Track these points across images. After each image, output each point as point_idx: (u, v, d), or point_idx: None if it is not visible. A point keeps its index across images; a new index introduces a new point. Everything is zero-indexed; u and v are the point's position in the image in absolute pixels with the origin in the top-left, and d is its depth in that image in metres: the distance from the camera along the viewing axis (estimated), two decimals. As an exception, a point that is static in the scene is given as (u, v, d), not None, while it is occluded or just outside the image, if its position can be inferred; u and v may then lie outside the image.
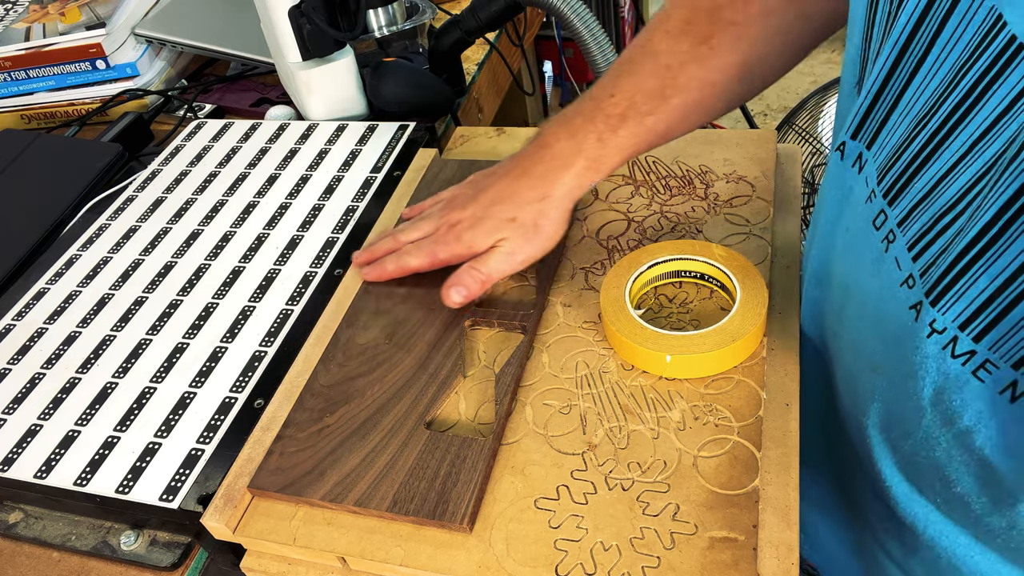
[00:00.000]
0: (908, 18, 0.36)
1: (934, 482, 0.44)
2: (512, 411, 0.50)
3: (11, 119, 0.97)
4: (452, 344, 0.54)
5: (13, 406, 0.57)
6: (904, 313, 0.40)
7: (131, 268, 0.68)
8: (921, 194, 0.38)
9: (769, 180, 0.63)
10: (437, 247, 0.57)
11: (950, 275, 0.36)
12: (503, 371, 0.52)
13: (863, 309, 0.45)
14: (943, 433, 0.41)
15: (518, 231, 0.55)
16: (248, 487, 0.48)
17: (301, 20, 0.75)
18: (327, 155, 0.76)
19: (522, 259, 0.55)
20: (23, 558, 0.52)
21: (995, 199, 0.32)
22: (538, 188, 0.55)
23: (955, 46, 0.34)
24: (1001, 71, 0.32)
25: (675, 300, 0.55)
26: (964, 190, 0.35)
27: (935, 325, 0.38)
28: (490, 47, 0.99)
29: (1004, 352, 0.35)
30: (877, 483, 0.50)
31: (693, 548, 0.42)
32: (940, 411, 0.40)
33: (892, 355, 0.42)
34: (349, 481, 0.47)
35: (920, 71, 0.37)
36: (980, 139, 0.34)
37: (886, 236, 0.41)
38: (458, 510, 0.44)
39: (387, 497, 0.45)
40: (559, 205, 0.55)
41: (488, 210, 0.56)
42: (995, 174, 0.33)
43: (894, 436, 0.46)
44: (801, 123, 1.44)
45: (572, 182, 0.54)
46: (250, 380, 0.56)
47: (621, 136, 0.53)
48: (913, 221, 0.39)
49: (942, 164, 0.36)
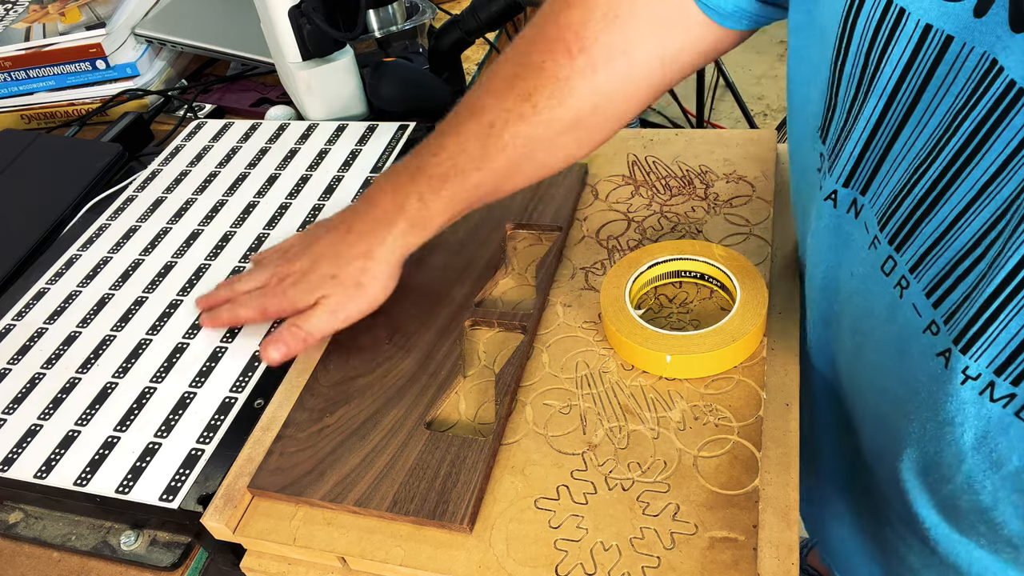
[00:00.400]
0: (893, 69, 0.36)
1: (978, 524, 0.44)
2: (512, 411, 0.50)
3: (11, 119, 0.97)
4: (452, 344, 0.54)
5: (13, 406, 0.57)
6: (931, 360, 0.39)
7: (131, 268, 0.68)
8: (932, 239, 0.37)
9: (769, 180, 0.63)
10: (266, 300, 0.56)
11: (979, 321, 0.35)
12: (503, 371, 0.52)
13: (882, 356, 0.45)
14: (989, 477, 0.40)
15: (339, 288, 0.54)
16: (248, 487, 0.48)
17: (301, 20, 0.75)
18: (327, 155, 0.76)
19: (343, 317, 0.54)
20: (23, 558, 0.52)
21: (1019, 241, 0.32)
22: (360, 246, 0.54)
23: (947, 93, 0.34)
24: (1003, 116, 0.32)
25: (675, 300, 0.55)
26: (980, 234, 0.35)
27: (968, 372, 0.37)
28: (490, 47, 0.98)
29: None
30: (914, 524, 0.49)
31: (693, 548, 0.42)
32: (984, 455, 0.39)
33: (923, 402, 0.42)
34: (349, 481, 0.47)
35: (912, 118, 0.37)
36: (991, 182, 0.33)
37: (898, 282, 0.40)
38: (458, 510, 0.44)
39: (387, 497, 0.45)
40: (383, 262, 0.54)
41: (314, 265, 0.56)
42: (1013, 216, 0.32)
43: (932, 480, 0.45)
44: (801, 123, 1.44)
45: (395, 242, 0.54)
46: (250, 380, 0.56)
47: (443, 197, 0.53)
48: (927, 267, 0.38)
49: (951, 208, 0.36)
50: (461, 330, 0.55)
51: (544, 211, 0.63)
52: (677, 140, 0.69)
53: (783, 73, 2.47)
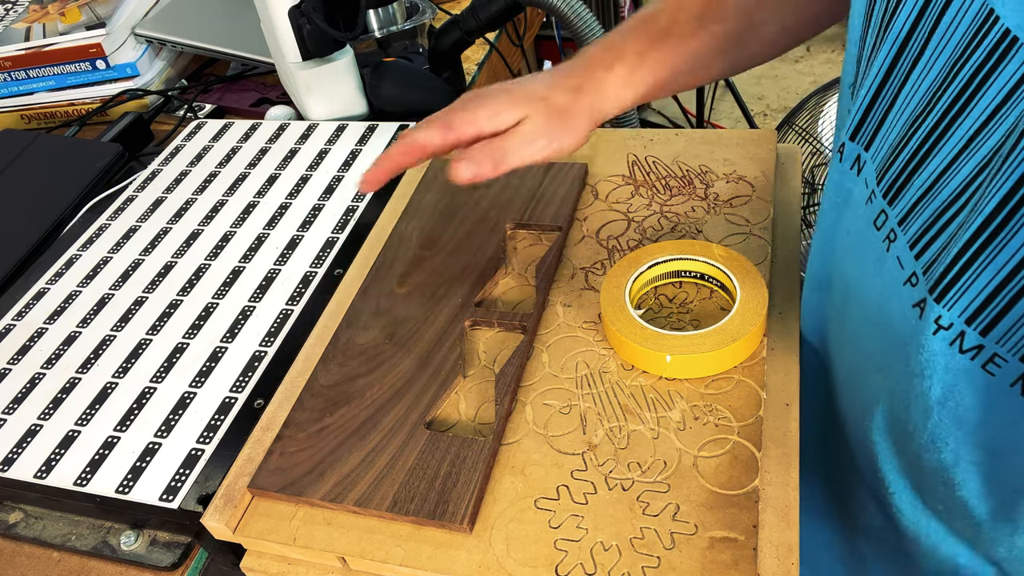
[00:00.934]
0: (905, 18, 0.36)
1: (937, 486, 0.44)
2: (512, 411, 0.50)
3: (11, 119, 0.97)
4: (452, 344, 0.54)
5: (13, 406, 0.57)
6: (908, 311, 0.40)
7: (131, 268, 0.68)
8: (921, 191, 0.38)
9: (769, 180, 0.63)
10: (452, 115, 0.50)
11: (954, 270, 0.36)
12: (503, 371, 0.52)
13: (866, 310, 0.45)
14: (952, 433, 0.41)
15: (544, 112, 0.50)
16: (248, 487, 0.48)
17: (301, 20, 0.75)
18: (327, 155, 0.76)
19: (541, 146, 0.50)
20: (23, 558, 0.52)
21: (996, 191, 0.32)
22: (577, 79, 0.51)
23: (949, 42, 0.34)
24: (996, 65, 0.32)
25: (675, 300, 0.55)
26: (964, 185, 0.35)
27: (941, 322, 0.38)
28: (490, 47, 0.99)
29: (1012, 345, 0.35)
30: (879, 490, 0.50)
31: (693, 548, 0.42)
32: (950, 410, 0.40)
33: (897, 355, 0.42)
34: (349, 481, 0.47)
35: (916, 69, 0.37)
36: (978, 133, 0.34)
37: (887, 236, 0.41)
38: (458, 510, 0.44)
39: (387, 497, 0.45)
40: (591, 106, 0.51)
41: (519, 85, 0.51)
42: (994, 167, 0.33)
43: (899, 439, 0.46)
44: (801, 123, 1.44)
45: (609, 88, 0.51)
46: (250, 380, 0.56)
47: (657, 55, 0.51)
48: (914, 219, 0.39)
49: (940, 160, 0.36)
50: (461, 330, 0.55)
51: (544, 211, 0.63)
52: (677, 140, 0.69)
53: (783, 73, 2.47)
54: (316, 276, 0.63)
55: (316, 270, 0.64)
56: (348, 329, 0.56)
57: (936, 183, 0.37)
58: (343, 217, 0.68)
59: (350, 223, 0.68)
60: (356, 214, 0.68)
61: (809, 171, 1.40)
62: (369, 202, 0.70)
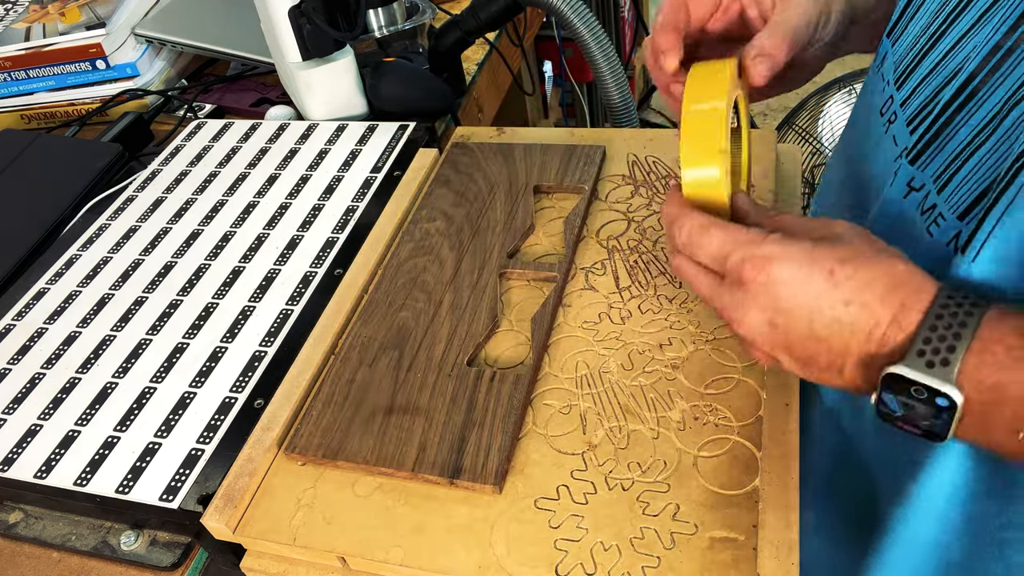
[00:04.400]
0: None
1: None
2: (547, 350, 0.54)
3: (11, 119, 0.97)
4: (487, 296, 0.57)
5: (13, 406, 0.57)
6: (890, 176, 0.43)
7: (131, 268, 0.68)
8: (924, 72, 0.41)
9: (769, 180, 0.63)
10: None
11: (930, 132, 0.40)
12: (538, 315, 0.55)
13: (858, 196, 0.48)
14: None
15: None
16: (284, 451, 0.50)
17: (301, 20, 0.75)
18: (327, 155, 0.76)
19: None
20: (23, 558, 0.52)
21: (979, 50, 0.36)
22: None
23: None
24: None
25: (675, 300, 0.56)
26: (959, 66, 0.39)
27: (913, 184, 0.41)
28: (490, 47, 0.98)
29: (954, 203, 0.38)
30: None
31: (693, 548, 0.42)
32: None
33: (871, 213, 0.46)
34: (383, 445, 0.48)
35: None
36: (985, 13, 0.37)
37: (889, 118, 0.44)
38: (488, 469, 0.46)
39: (422, 460, 0.47)
40: None
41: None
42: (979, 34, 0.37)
43: None
44: (801, 123, 1.44)
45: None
46: (250, 380, 0.56)
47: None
48: (913, 99, 0.42)
49: (946, 44, 0.40)
50: (495, 283, 0.58)
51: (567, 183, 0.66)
52: (677, 140, 0.69)
53: (783, 73, 2.46)
54: (316, 276, 0.63)
55: (316, 270, 0.64)
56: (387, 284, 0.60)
57: (938, 65, 0.40)
58: (343, 217, 0.68)
59: (350, 223, 0.68)
60: (356, 214, 0.68)
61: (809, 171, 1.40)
62: (369, 202, 0.70)
